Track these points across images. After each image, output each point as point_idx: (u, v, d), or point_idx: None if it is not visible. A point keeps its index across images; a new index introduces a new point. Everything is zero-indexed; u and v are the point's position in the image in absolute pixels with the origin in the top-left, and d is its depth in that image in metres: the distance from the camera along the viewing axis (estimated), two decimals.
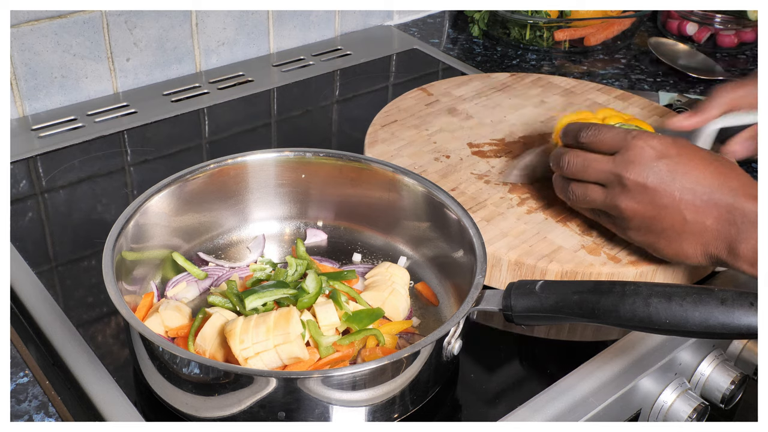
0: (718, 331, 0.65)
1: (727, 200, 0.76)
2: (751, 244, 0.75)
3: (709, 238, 0.77)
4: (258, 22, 1.31)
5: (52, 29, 1.11)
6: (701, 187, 0.77)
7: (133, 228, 0.78)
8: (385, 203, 0.88)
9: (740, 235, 0.75)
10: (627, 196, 0.80)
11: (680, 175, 0.78)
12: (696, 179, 0.78)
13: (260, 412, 0.66)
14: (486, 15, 1.43)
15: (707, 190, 0.77)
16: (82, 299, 0.85)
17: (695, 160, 0.79)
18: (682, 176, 0.78)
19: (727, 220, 0.76)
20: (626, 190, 0.80)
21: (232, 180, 0.88)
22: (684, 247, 0.79)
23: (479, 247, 0.77)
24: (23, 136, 1.11)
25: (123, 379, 0.75)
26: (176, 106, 1.19)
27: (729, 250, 0.76)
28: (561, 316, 0.70)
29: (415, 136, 1.05)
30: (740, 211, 0.76)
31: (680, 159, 0.79)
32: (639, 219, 0.80)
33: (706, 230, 0.77)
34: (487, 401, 0.76)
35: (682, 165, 0.78)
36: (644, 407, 0.81)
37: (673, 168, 0.78)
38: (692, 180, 0.78)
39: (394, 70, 1.34)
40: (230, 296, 0.76)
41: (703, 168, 0.78)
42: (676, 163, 0.79)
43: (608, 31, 1.40)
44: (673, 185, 0.78)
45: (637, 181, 0.79)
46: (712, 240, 0.77)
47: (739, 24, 1.40)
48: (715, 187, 0.77)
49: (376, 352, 0.74)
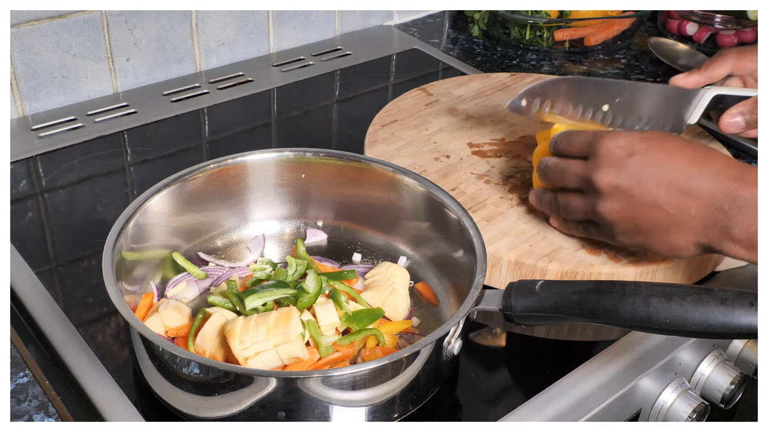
0: (718, 331, 0.65)
1: (708, 186, 0.74)
2: (744, 228, 0.72)
3: (697, 228, 0.75)
4: (258, 22, 1.31)
5: (52, 29, 1.11)
6: (677, 177, 0.75)
7: (133, 228, 0.78)
8: (385, 203, 0.88)
9: (730, 220, 0.72)
10: (605, 201, 0.79)
11: (652, 168, 0.76)
12: (670, 170, 0.76)
13: (260, 412, 0.66)
14: (486, 15, 1.43)
15: (684, 180, 0.75)
16: (82, 299, 0.85)
17: (667, 150, 0.77)
18: (655, 169, 0.76)
19: (711, 206, 0.73)
20: (602, 194, 0.79)
21: (232, 180, 0.88)
22: (674, 240, 0.77)
23: (479, 247, 0.77)
24: (23, 136, 1.11)
25: (123, 379, 0.75)
26: (176, 106, 1.19)
27: (721, 237, 0.74)
28: (561, 316, 0.70)
29: (415, 136, 1.05)
30: (725, 195, 0.73)
31: (650, 152, 0.77)
32: (623, 222, 0.79)
33: (691, 220, 0.75)
34: (487, 401, 0.76)
35: (652, 158, 0.76)
36: (644, 407, 0.81)
37: (644, 163, 0.76)
38: (666, 171, 0.76)
39: (394, 70, 1.34)
40: (230, 296, 0.76)
41: (677, 157, 0.76)
42: (647, 158, 0.77)
43: (608, 31, 1.40)
44: (647, 181, 0.76)
45: (611, 183, 0.78)
46: (700, 229, 0.75)
47: (739, 24, 1.40)
48: (692, 175, 0.75)
49: (376, 352, 0.74)
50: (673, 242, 0.77)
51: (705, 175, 0.74)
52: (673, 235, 0.77)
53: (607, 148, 0.78)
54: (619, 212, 0.78)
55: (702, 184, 0.74)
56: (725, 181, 0.73)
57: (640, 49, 1.43)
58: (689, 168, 0.75)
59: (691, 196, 0.74)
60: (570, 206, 0.83)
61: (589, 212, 0.81)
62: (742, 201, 0.72)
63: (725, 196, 0.73)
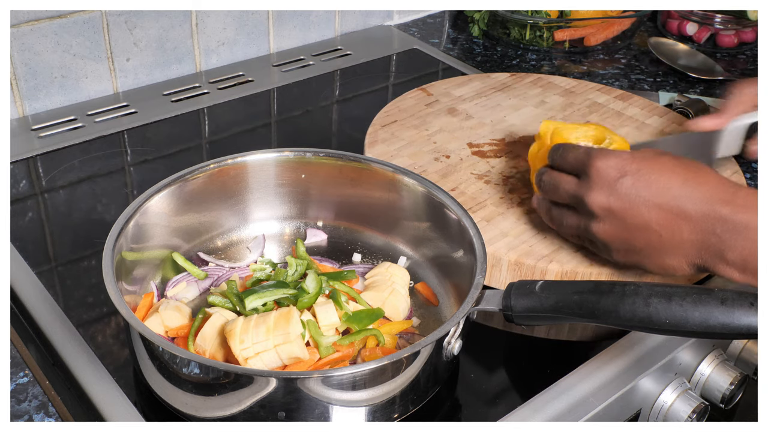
0: (718, 331, 0.65)
1: (700, 209, 0.73)
2: (737, 252, 0.71)
3: (689, 251, 0.74)
4: (258, 22, 1.31)
5: (52, 29, 1.11)
6: (669, 200, 0.74)
7: (133, 228, 0.78)
8: (385, 203, 0.88)
9: (723, 244, 0.72)
10: (597, 222, 0.78)
11: (643, 190, 0.75)
12: (661, 191, 0.74)
13: (260, 412, 0.66)
14: (486, 15, 1.43)
15: (675, 202, 0.74)
16: (82, 299, 0.85)
17: (659, 171, 0.75)
18: (646, 191, 0.75)
19: (703, 230, 0.72)
20: (594, 215, 0.78)
21: (232, 180, 0.88)
22: (668, 262, 0.76)
23: (479, 247, 0.77)
24: (23, 136, 1.11)
25: (123, 379, 0.75)
26: (176, 106, 1.19)
27: (715, 260, 0.73)
28: (561, 316, 0.70)
29: (415, 136, 1.05)
30: (717, 218, 0.72)
31: (641, 174, 0.75)
32: (616, 242, 0.78)
33: (683, 243, 0.74)
34: (487, 401, 0.76)
35: (643, 180, 0.75)
36: (644, 407, 0.81)
37: (635, 185, 0.75)
38: (657, 193, 0.74)
39: (394, 70, 1.34)
40: (230, 296, 0.76)
41: (668, 178, 0.75)
42: (637, 179, 0.75)
43: (608, 31, 1.40)
44: (639, 203, 0.75)
45: (602, 205, 0.77)
46: (694, 252, 0.74)
47: (739, 24, 1.40)
48: (684, 197, 0.73)
49: (376, 352, 0.74)
50: (667, 263, 0.77)
51: (696, 197, 0.73)
52: (667, 256, 0.76)
53: (597, 168, 0.77)
54: (612, 233, 0.78)
55: (694, 207, 0.73)
56: (717, 204, 0.72)
57: (640, 49, 1.43)
58: (681, 189, 0.74)
59: (684, 219, 0.74)
60: (564, 221, 0.82)
61: (582, 230, 0.80)
62: (733, 225, 0.71)
63: (717, 220, 0.72)
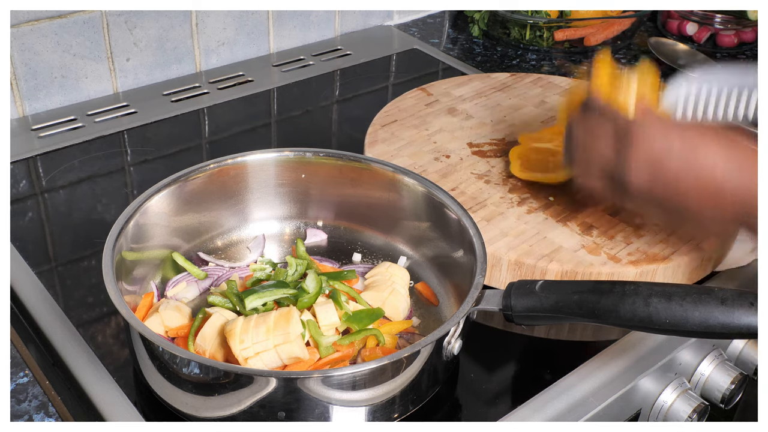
0: (718, 331, 0.65)
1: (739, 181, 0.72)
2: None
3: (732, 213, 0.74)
4: (258, 22, 1.31)
5: (52, 29, 1.12)
6: (711, 169, 0.73)
7: (133, 228, 0.78)
8: (385, 203, 0.89)
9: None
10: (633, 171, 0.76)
11: (689, 153, 0.74)
12: (704, 160, 0.73)
13: (260, 412, 0.66)
14: (486, 15, 1.43)
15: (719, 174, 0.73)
16: (82, 299, 0.85)
17: (701, 136, 0.74)
18: (692, 154, 0.74)
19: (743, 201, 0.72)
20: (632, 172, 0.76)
21: (232, 180, 0.88)
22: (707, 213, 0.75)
23: (479, 247, 0.77)
24: (23, 136, 1.11)
25: (123, 379, 0.75)
26: (176, 106, 1.19)
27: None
28: (561, 316, 0.70)
29: (415, 136, 1.05)
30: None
31: (686, 137, 0.74)
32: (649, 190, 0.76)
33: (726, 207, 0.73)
34: (487, 401, 0.76)
35: (688, 143, 0.74)
36: (644, 407, 0.81)
37: (684, 146, 0.74)
38: (700, 162, 0.73)
39: (394, 70, 1.34)
40: (230, 296, 0.76)
41: (711, 142, 0.74)
42: (684, 141, 0.74)
43: (608, 31, 1.40)
44: (684, 167, 0.74)
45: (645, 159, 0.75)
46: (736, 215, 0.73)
47: (739, 24, 1.40)
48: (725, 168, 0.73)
49: (376, 352, 0.74)
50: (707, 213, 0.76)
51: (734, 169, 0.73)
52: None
53: (642, 134, 0.76)
54: (649, 181, 0.76)
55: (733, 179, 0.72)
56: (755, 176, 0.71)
57: (640, 49, 1.43)
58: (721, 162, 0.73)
59: (724, 191, 0.73)
60: (597, 148, 0.79)
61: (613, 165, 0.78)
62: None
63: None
